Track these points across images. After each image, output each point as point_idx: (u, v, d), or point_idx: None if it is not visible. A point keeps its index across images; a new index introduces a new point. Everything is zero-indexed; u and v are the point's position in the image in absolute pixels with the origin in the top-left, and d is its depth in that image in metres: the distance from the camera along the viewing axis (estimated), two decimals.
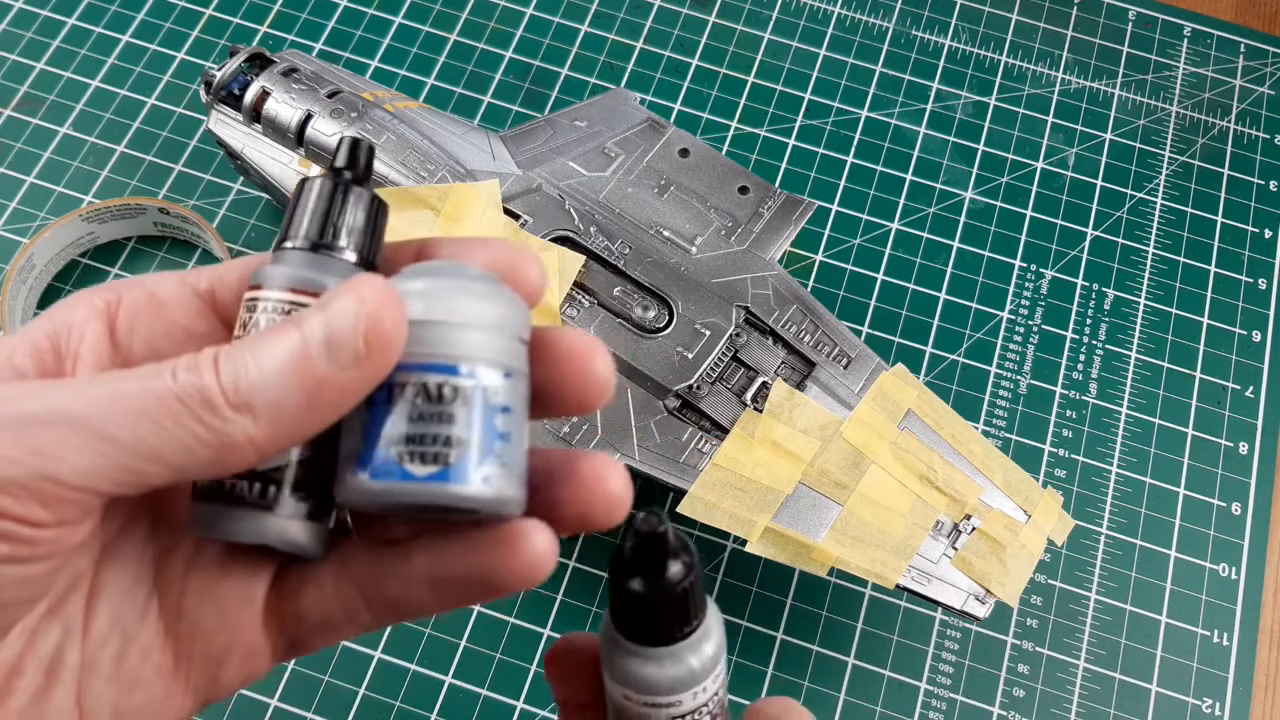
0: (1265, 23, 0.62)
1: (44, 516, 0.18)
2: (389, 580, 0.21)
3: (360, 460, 0.19)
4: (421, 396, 0.19)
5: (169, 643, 0.21)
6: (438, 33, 0.58)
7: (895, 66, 0.59)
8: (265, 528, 0.20)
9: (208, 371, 0.18)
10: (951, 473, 0.41)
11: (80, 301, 0.21)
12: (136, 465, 0.18)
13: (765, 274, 0.44)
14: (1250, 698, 0.45)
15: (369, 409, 0.19)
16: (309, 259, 0.21)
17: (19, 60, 0.56)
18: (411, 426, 0.19)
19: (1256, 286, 0.54)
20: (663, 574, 0.22)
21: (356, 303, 0.19)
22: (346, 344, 0.18)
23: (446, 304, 0.19)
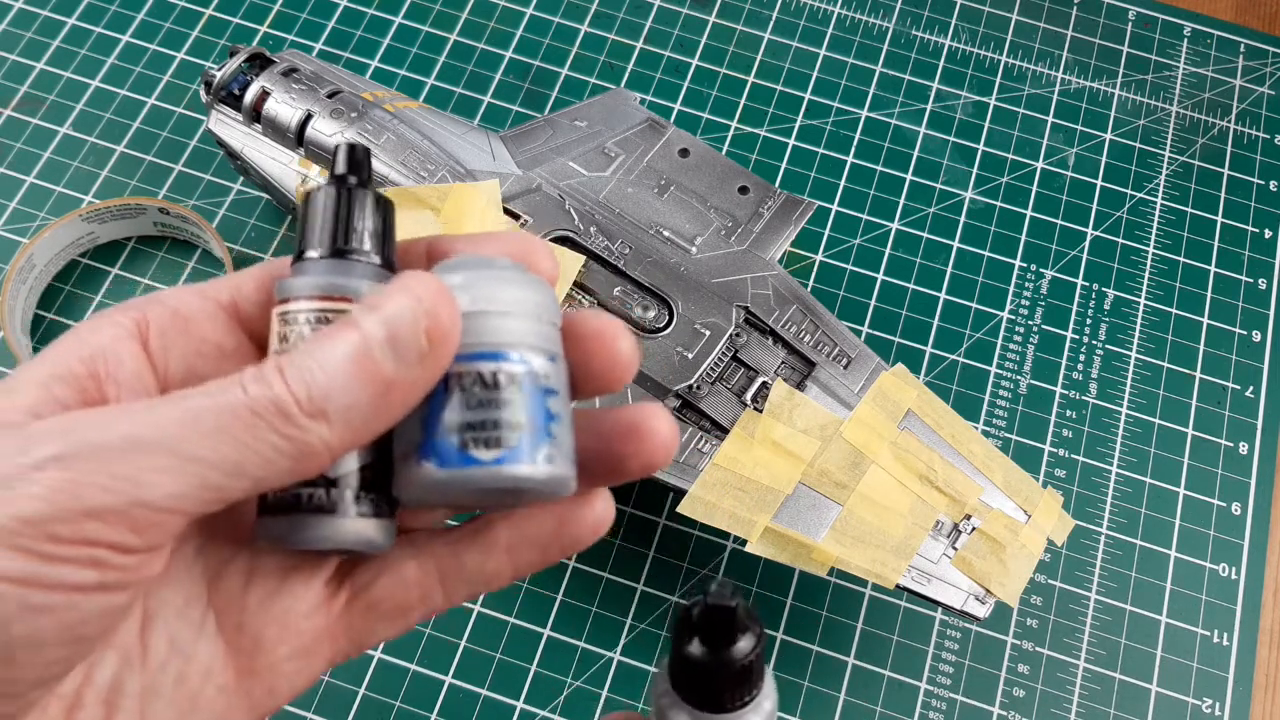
0: (1265, 23, 0.62)
1: (135, 542, 0.18)
2: (469, 553, 0.22)
3: (423, 450, 0.20)
4: (478, 384, 0.20)
5: (230, 659, 0.21)
6: (438, 33, 0.58)
7: (895, 66, 0.59)
8: (339, 531, 0.20)
9: (277, 382, 0.18)
10: (951, 473, 0.41)
11: (106, 323, 0.21)
12: (220, 481, 0.18)
13: (765, 274, 0.44)
14: (1250, 698, 0.45)
15: (428, 402, 0.20)
16: (332, 265, 0.21)
17: (19, 60, 0.56)
18: (471, 414, 0.20)
19: (1256, 286, 0.54)
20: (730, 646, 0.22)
21: (414, 301, 0.19)
22: (410, 342, 0.19)
23: (489, 294, 0.20)
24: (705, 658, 0.22)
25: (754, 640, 0.22)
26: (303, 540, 0.20)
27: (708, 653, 0.22)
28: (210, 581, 0.21)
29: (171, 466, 0.18)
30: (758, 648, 0.22)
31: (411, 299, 0.19)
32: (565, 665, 0.44)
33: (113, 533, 0.17)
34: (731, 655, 0.22)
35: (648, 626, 0.45)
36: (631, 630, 0.45)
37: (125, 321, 0.21)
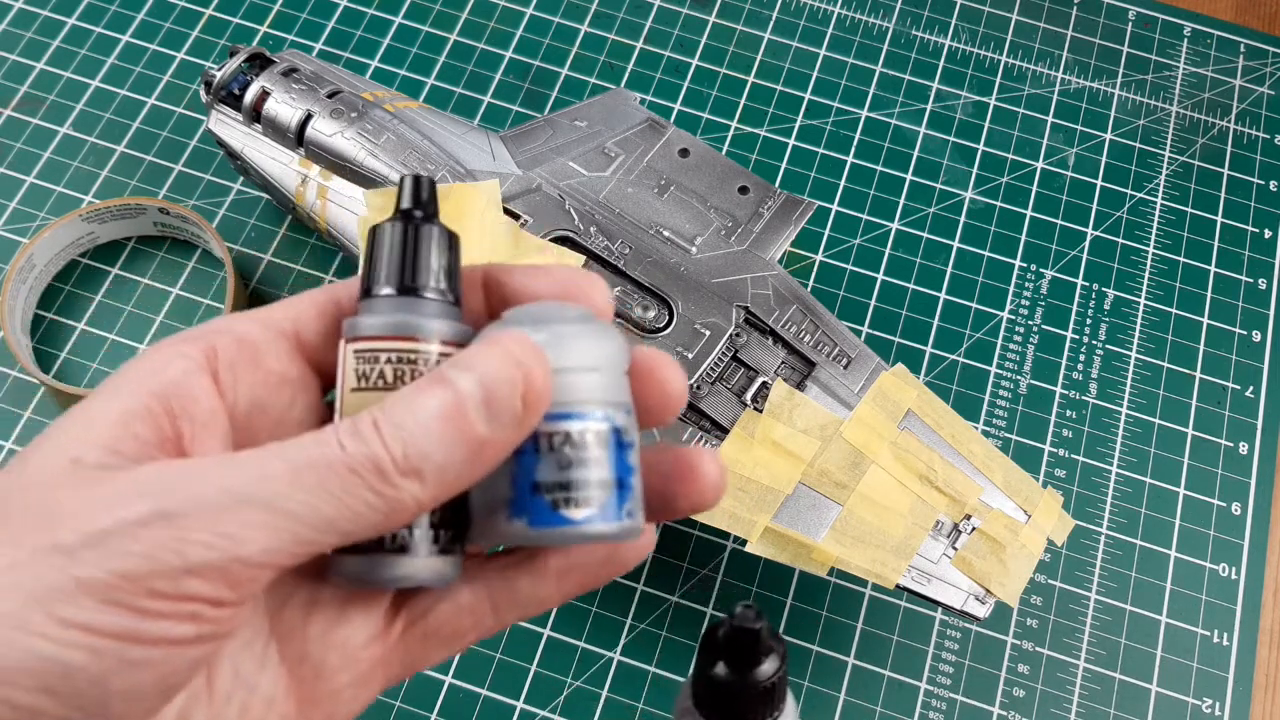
0: (1265, 23, 0.62)
1: (230, 597, 0.18)
2: (520, 579, 0.23)
3: (514, 508, 0.20)
4: (567, 445, 0.20)
5: (292, 688, 0.22)
6: (438, 33, 0.58)
7: (895, 66, 0.59)
8: (416, 570, 0.21)
9: (374, 440, 0.19)
10: (951, 473, 0.41)
11: (174, 355, 0.21)
12: (313, 537, 0.18)
13: (765, 274, 0.44)
14: (1250, 698, 0.45)
15: (516, 459, 0.20)
16: (403, 303, 0.21)
17: (19, 60, 0.56)
18: (562, 474, 0.20)
19: (1256, 286, 0.54)
20: (754, 667, 0.22)
21: (512, 364, 0.19)
22: (506, 405, 0.19)
23: (572, 350, 0.20)
24: (729, 678, 0.22)
25: (777, 662, 0.22)
26: (381, 580, 0.21)
27: (732, 673, 0.22)
28: (273, 614, 0.22)
29: (268, 523, 0.18)
30: (780, 670, 0.22)
31: (509, 361, 0.19)
32: (565, 665, 0.44)
33: (210, 588, 0.18)
34: (755, 677, 0.22)
35: (648, 626, 0.45)
36: (631, 630, 0.45)
37: (194, 354, 0.21)
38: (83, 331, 0.50)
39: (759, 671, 0.22)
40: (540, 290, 0.22)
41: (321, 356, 0.22)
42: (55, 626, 0.17)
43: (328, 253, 0.52)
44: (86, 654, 0.17)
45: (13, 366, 0.49)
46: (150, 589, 0.17)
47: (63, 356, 0.49)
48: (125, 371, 0.20)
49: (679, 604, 0.46)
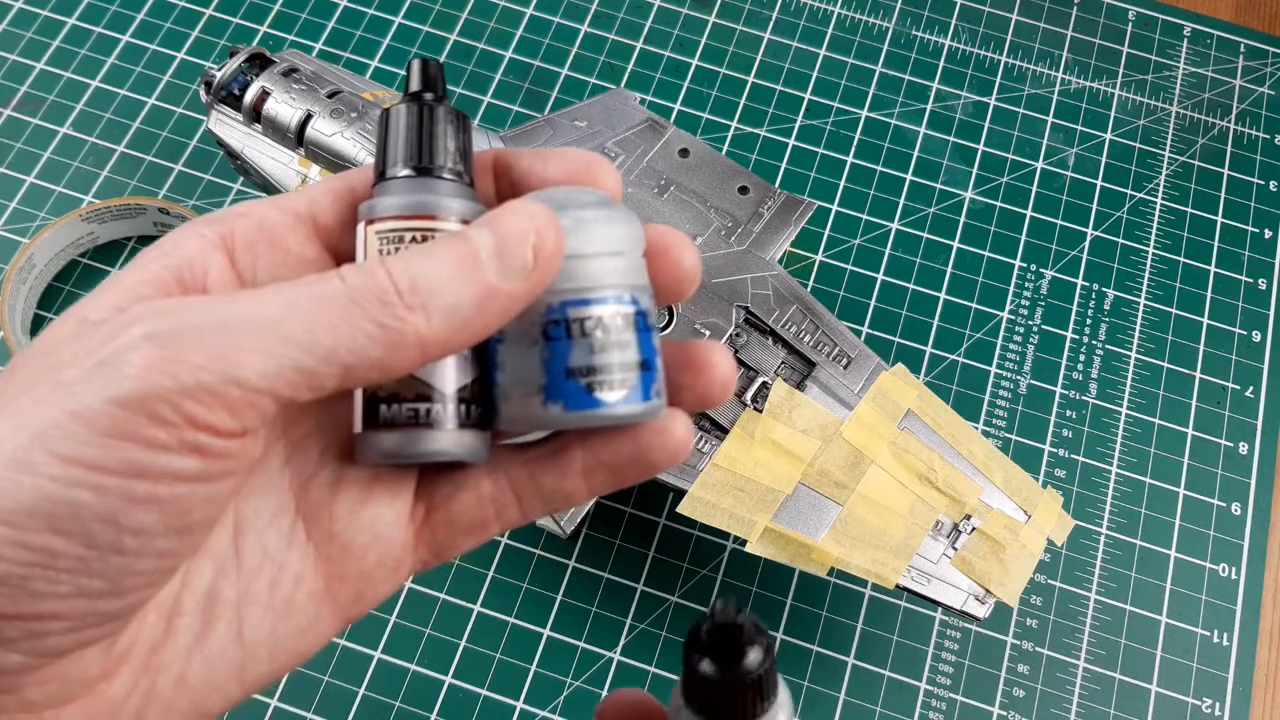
0: (1265, 23, 0.62)
1: (231, 424, 0.18)
2: (546, 474, 0.23)
3: (549, 392, 0.21)
4: (599, 329, 0.21)
5: (320, 566, 0.22)
6: (438, 33, 0.58)
7: (895, 66, 0.59)
8: (445, 443, 0.21)
9: (379, 273, 0.19)
10: (951, 473, 0.41)
11: (191, 234, 0.21)
12: (312, 365, 0.18)
13: (765, 274, 0.44)
14: (1250, 698, 0.45)
15: (549, 345, 0.21)
16: (418, 184, 0.21)
17: (19, 60, 0.56)
18: (594, 358, 0.21)
19: (1256, 286, 0.54)
20: (739, 661, 0.22)
21: (526, 220, 0.20)
22: (516, 254, 0.19)
23: (595, 236, 0.21)
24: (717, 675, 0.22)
25: (762, 654, 0.22)
26: (408, 453, 0.21)
27: (719, 670, 0.22)
28: (298, 492, 0.22)
29: (265, 346, 0.18)
30: (767, 661, 0.22)
31: (525, 218, 0.20)
32: (565, 665, 0.44)
33: (209, 413, 0.17)
34: (742, 670, 0.22)
35: (648, 626, 0.45)
36: (631, 630, 0.45)
37: (210, 234, 0.21)
38: None
39: (745, 664, 0.22)
40: (550, 174, 0.22)
41: (338, 241, 0.22)
42: (59, 465, 0.17)
43: None
44: (92, 492, 0.17)
45: None
46: (149, 413, 0.17)
47: None
48: (143, 253, 0.20)
49: (679, 604, 0.46)
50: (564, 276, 0.21)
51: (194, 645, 0.20)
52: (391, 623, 0.45)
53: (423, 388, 0.21)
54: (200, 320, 0.18)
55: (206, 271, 0.20)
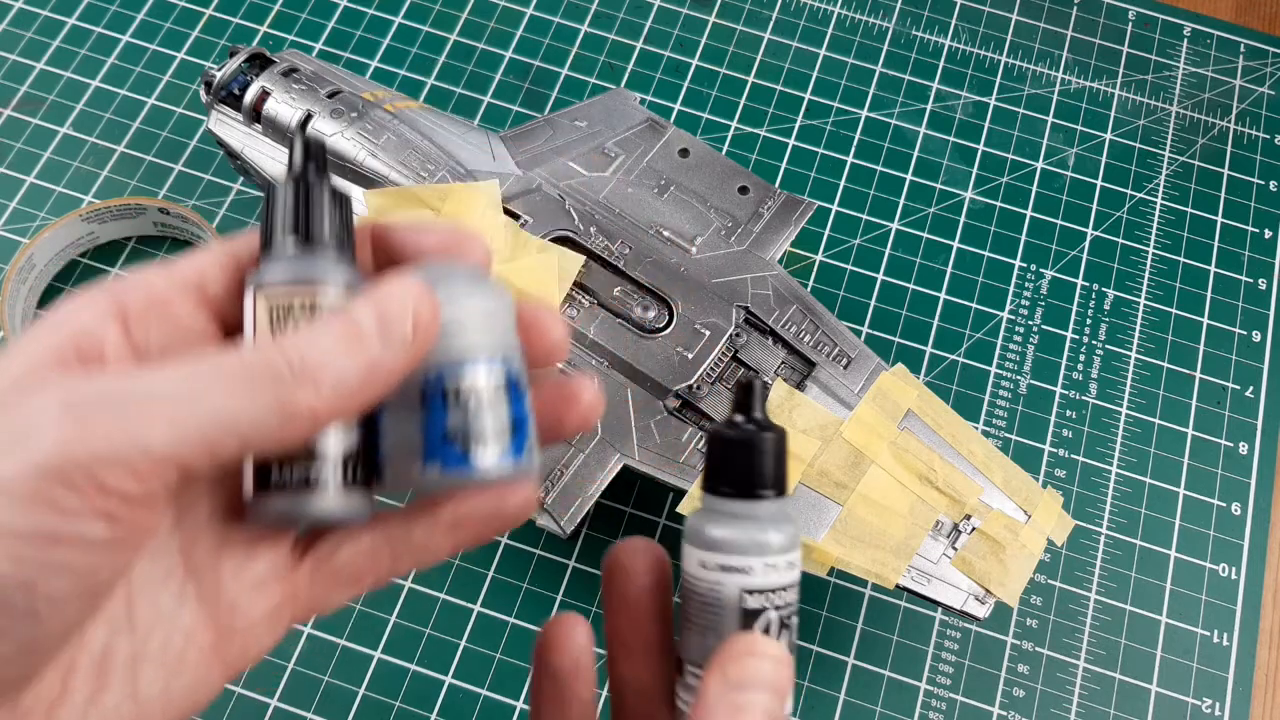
0: (1265, 23, 0.62)
1: (137, 490, 0.19)
2: (416, 528, 0.24)
3: (427, 455, 0.22)
4: (473, 395, 0.22)
5: (209, 622, 0.23)
6: (438, 33, 0.58)
7: (895, 66, 0.59)
8: (325, 506, 0.22)
9: (272, 350, 0.20)
10: (951, 473, 0.41)
11: (86, 305, 0.22)
12: (215, 435, 0.19)
13: (765, 274, 0.44)
14: (1250, 698, 0.45)
15: (425, 411, 0.22)
16: (300, 255, 0.23)
17: (19, 60, 0.56)
18: (468, 421, 0.22)
19: (1256, 286, 0.54)
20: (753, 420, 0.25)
21: (404, 295, 0.22)
22: (396, 329, 0.21)
23: (467, 306, 0.22)
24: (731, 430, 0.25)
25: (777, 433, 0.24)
26: (296, 515, 0.22)
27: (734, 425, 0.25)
28: (187, 553, 0.23)
29: (171, 417, 0.19)
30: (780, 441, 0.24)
31: (402, 293, 0.22)
32: None
33: (119, 481, 0.18)
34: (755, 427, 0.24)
35: None
36: None
37: (103, 303, 0.22)
38: None
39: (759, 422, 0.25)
40: (424, 244, 0.24)
41: (225, 309, 0.23)
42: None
43: None
44: (10, 561, 0.18)
45: None
46: (64, 481, 0.18)
47: None
48: (36, 325, 0.21)
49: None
50: (439, 346, 0.22)
51: (90, 702, 0.21)
52: (391, 623, 0.45)
53: (308, 453, 0.22)
54: (110, 392, 0.19)
55: (103, 341, 0.21)
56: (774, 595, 0.24)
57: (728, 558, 0.24)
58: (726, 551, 0.24)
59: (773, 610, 0.24)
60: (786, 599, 0.24)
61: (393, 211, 0.43)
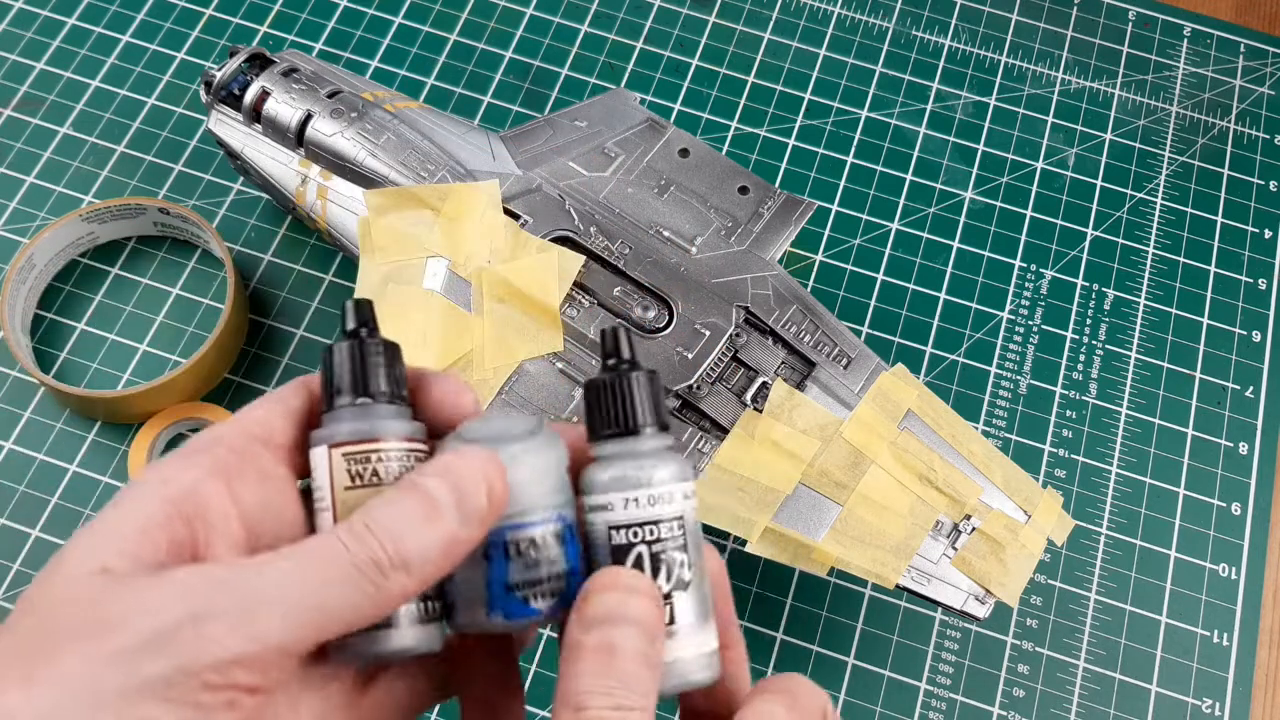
0: (1265, 23, 0.62)
1: (261, 682, 0.20)
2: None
3: (491, 605, 0.24)
4: (531, 548, 0.24)
5: None
6: (438, 33, 0.58)
7: (895, 66, 0.59)
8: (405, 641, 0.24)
9: (371, 541, 0.22)
10: (951, 473, 0.41)
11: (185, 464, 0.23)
12: (324, 625, 0.21)
13: (765, 274, 0.44)
14: (1250, 698, 0.45)
15: (489, 564, 0.24)
16: (358, 412, 0.24)
17: (19, 60, 0.56)
18: (529, 573, 0.24)
19: (1256, 286, 0.54)
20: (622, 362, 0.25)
21: (478, 470, 0.23)
22: (473, 505, 0.22)
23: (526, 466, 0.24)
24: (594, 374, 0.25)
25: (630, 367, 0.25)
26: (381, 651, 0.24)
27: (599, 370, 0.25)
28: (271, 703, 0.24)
29: (285, 614, 0.20)
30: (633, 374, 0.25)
31: (475, 468, 0.23)
32: None
33: (248, 676, 0.20)
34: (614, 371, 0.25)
35: None
36: None
37: (204, 463, 0.23)
38: (83, 331, 0.50)
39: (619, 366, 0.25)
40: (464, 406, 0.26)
41: (290, 458, 0.25)
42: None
43: (328, 253, 0.52)
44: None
45: (13, 366, 0.49)
46: (204, 681, 0.20)
47: (63, 356, 0.49)
48: (140, 483, 0.23)
49: None
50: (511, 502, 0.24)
51: None
52: None
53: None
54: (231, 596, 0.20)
55: (209, 505, 0.23)
56: (642, 529, 0.24)
57: (593, 497, 0.24)
58: (591, 492, 0.24)
59: (642, 545, 0.24)
60: (659, 534, 0.24)
61: (393, 211, 0.43)
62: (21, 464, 0.47)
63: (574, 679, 0.22)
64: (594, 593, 0.23)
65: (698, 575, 0.24)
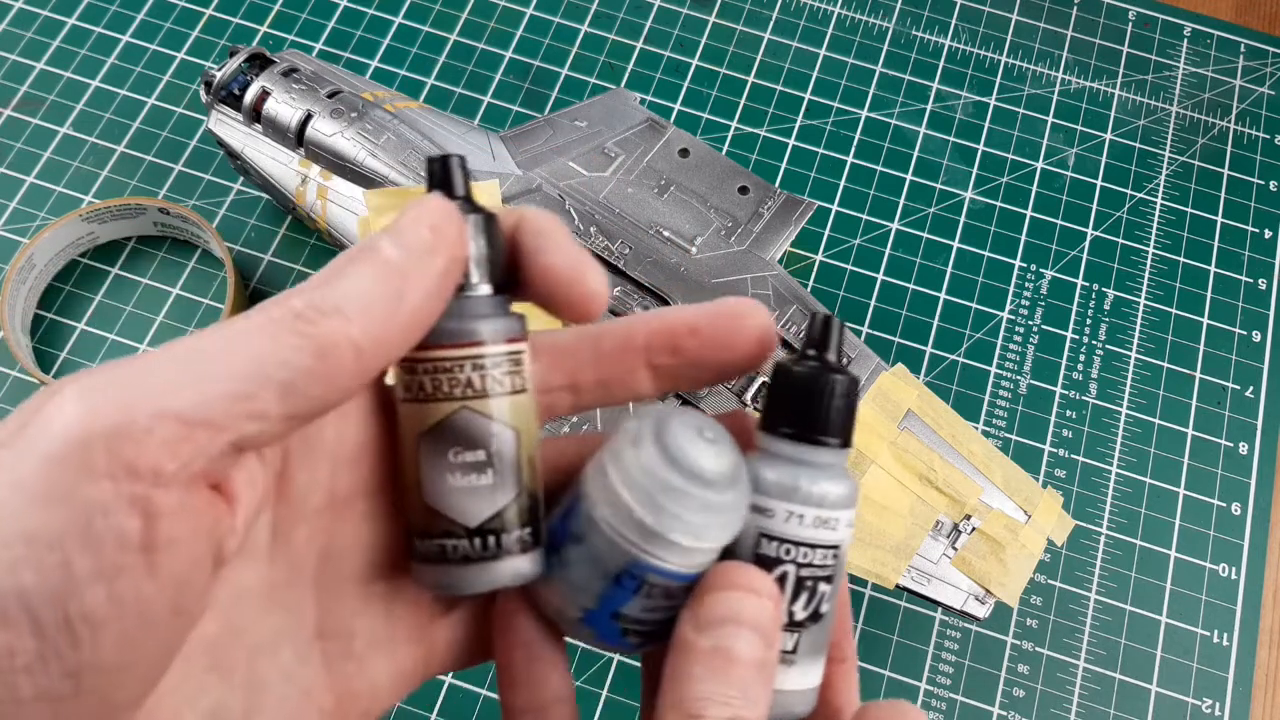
0: (1265, 23, 0.62)
1: (171, 464, 0.16)
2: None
3: (590, 618, 0.21)
4: (663, 596, 0.21)
5: (332, 684, 0.22)
6: (438, 33, 0.58)
7: (895, 66, 0.59)
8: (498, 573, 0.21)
9: (291, 293, 0.18)
10: (951, 473, 0.41)
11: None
12: (244, 388, 0.17)
13: (765, 274, 0.44)
14: (1250, 698, 0.45)
15: (615, 583, 0.21)
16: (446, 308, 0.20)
17: (19, 60, 0.56)
18: (644, 613, 0.21)
19: (1256, 286, 0.54)
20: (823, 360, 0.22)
21: (414, 204, 0.20)
22: (411, 232, 0.19)
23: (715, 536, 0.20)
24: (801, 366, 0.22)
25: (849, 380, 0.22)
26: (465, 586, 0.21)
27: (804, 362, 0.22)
28: (322, 611, 0.22)
29: (193, 377, 0.17)
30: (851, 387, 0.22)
31: (414, 204, 0.20)
32: None
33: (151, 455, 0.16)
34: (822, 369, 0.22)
35: None
36: None
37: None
38: (83, 331, 0.50)
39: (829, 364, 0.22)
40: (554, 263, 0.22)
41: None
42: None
43: (328, 253, 0.52)
44: (34, 571, 0.16)
45: (13, 366, 0.49)
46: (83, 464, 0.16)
47: (63, 356, 0.49)
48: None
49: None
50: (663, 545, 0.20)
51: None
52: None
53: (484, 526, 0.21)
54: (125, 369, 0.17)
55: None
56: (797, 549, 0.21)
57: (755, 497, 0.21)
58: (757, 491, 0.21)
59: (791, 565, 0.21)
60: (813, 559, 0.21)
61: (393, 211, 0.43)
62: None
63: (687, 682, 0.20)
64: (712, 590, 0.20)
65: (831, 610, 0.22)
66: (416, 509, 0.21)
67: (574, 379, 0.23)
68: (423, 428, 0.21)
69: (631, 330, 0.22)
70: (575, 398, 0.23)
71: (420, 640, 0.23)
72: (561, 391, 0.23)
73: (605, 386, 0.23)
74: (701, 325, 0.22)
